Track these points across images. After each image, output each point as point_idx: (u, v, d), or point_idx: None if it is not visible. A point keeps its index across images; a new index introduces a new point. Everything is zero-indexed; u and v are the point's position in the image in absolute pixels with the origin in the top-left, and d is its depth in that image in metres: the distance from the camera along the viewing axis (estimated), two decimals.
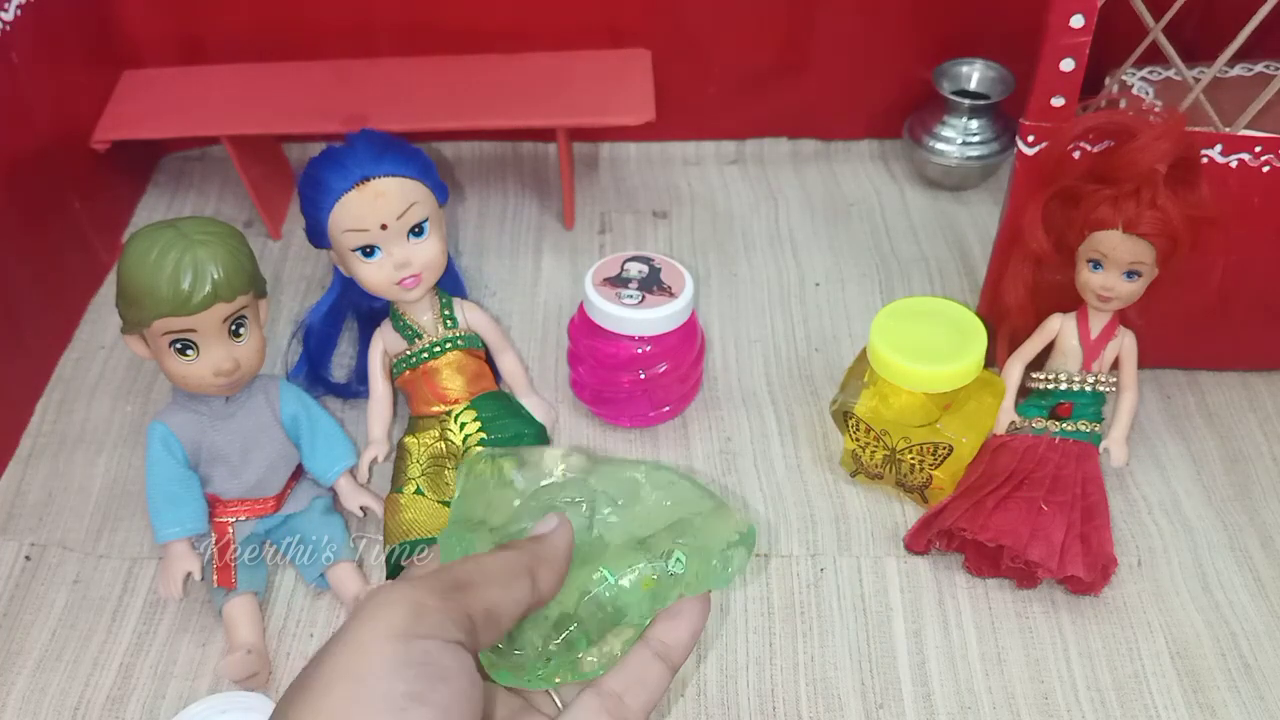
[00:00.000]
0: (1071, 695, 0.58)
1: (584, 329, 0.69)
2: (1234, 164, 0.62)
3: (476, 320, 0.68)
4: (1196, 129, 0.60)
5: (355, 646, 0.29)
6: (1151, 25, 0.63)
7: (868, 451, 0.65)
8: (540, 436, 0.67)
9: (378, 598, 0.31)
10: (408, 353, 0.66)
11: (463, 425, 0.65)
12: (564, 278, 0.84)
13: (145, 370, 0.76)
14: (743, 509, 0.67)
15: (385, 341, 0.67)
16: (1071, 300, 0.65)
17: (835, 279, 0.83)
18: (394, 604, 0.30)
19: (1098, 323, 0.64)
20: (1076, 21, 0.57)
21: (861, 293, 0.82)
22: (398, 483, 0.65)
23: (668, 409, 0.71)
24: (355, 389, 0.72)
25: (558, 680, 0.37)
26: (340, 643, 0.30)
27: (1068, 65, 0.59)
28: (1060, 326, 0.65)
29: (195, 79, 0.86)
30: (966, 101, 0.87)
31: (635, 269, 0.69)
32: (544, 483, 0.41)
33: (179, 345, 0.56)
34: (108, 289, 0.83)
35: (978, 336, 0.62)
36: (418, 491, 0.64)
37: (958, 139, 0.88)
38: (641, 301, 0.66)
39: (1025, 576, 0.62)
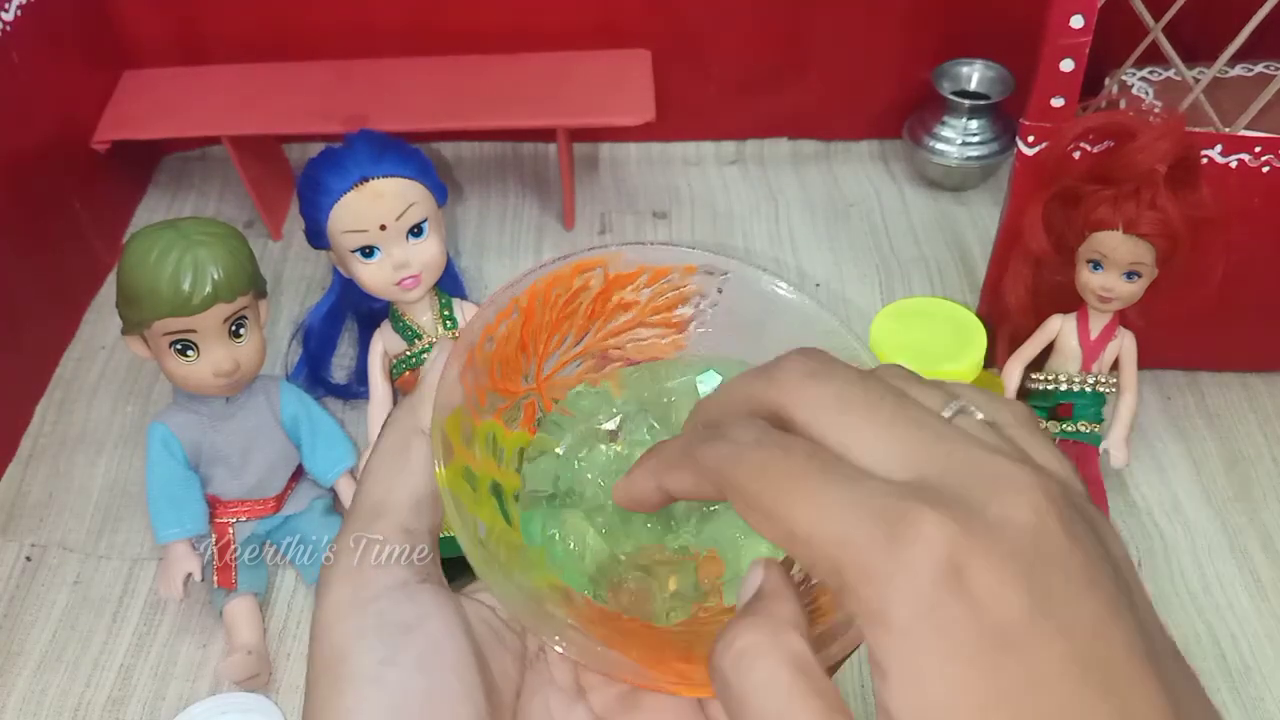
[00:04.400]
0: None
1: None
2: (1234, 164, 0.62)
3: None
4: (1196, 129, 0.60)
5: (321, 642, 0.28)
6: (1151, 25, 0.63)
7: None
8: None
9: (321, 579, 0.29)
10: (407, 353, 0.66)
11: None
12: None
13: (145, 371, 0.76)
14: None
15: (385, 342, 0.67)
16: (1071, 301, 0.65)
17: (835, 279, 0.83)
18: (335, 585, 0.29)
19: (1098, 323, 0.64)
20: (1076, 22, 0.57)
21: (861, 293, 0.82)
22: None
23: None
24: (355, 390, 0.72)
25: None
26: (313, 637, 0.29)
27: (1068, 65, 0.59)
28: (1060, 327, 0.65)
29: (195, 79, 0.86)
30: (966, 102, 0.87)
31: None
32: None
33: (179, 346, 0.56)
34: (108, 289, 0.83)
35: (977, 337, 0.62)
36: None
37: (958, 139, 0.88)
38: None
39: None
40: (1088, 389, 0.65)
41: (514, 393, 0.34)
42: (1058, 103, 0.60)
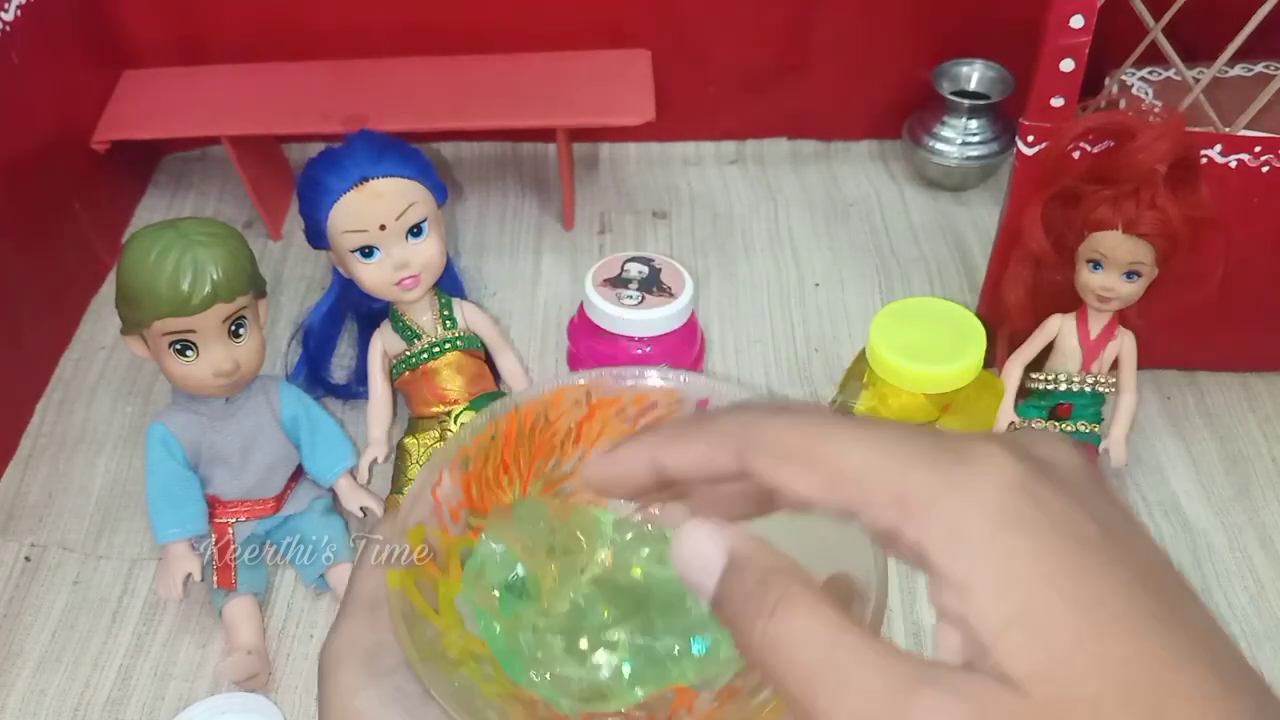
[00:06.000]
0: None
1: (584, 329, 0.69)
2: (1234, 164, 0.62)
3: (476, 321, 0.68)
4: (1196, 129, 0.60)
5: (338, 709, 0.29)
6: (1151, 25, 0.63)
7: None
8: None
9: (326, 659, 0.31)
10: (407, 353, 0.66)
11: (462, 426, 0.65)
12: (564, 278, 0.83)
13: (145, 371, 0.76)
14: None
15: (385, 342, 0.67)
16: (1071, 301, 0.65)
17: (835, 279, 0.83)
18: (344, 659, 0.30)
19: (1097, 323, 0.64)
20: (1076, 21, 0.57)
21: (861, 293, 0.82)
22: (398, 484, 0.65)
23: None
24: (355, 390, 0.72)
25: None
26: (325, 712, 0.30)
27: (1068, 65, 0.59)
28: (1060, 327, 0.65)
29: (195, 79, 0.86)
30: (966, 101, 0.87)
31: (635, 269, 0.69)
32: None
33: (179, 346, 0.56)
34: (108, 289, 0.83)
35: (977, 337, 0.62)
36: None
37: (957, 139, 0.88)
38: (641, 302, 0.66)
39: None
40: (1087, 389, 0.65)
41: None
42: (1058, 103, 0.60)
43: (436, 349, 0.66)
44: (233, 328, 0.57)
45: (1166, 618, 0.18)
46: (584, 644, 0.31)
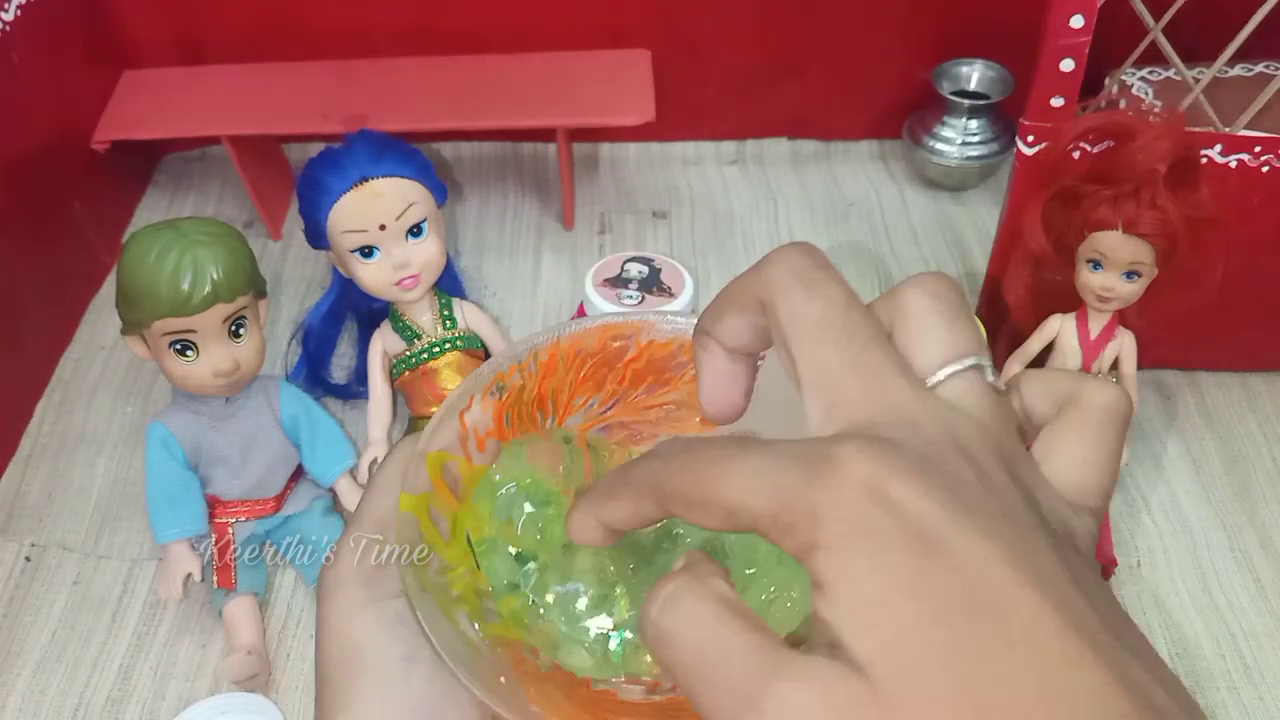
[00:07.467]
0: None
1: None
2: (1234, 164, 0.62)
3: (476, 321, 0.68)
4: (1196, 129, 0.60)
5: (335, 636, 0.28)
6: (1151, 25, 0.63)
7: None
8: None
9: (327, 581, 0.29)
10: (407, 353, 0.66)
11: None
12: (564, 278, 0.83)
13: (145, 371, 0.76)
14: None
15: (385, 342, 0.67)
16: (1071, 301, 0.65)
17: None
18: (345, 580, 0.29)
19: (1097, 323, 0.64)
20: (1076, 21, 0.57)
21: (861, 293, 0.81)
22: None
23: None
24: (355, 390, 0.72)
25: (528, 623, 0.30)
26: (323, 635, 0.29)
27: (1068, 65, 0.59)
28: (1060, 327, 0.65)
29: (195, 79, 0.86)
30: (966, 102, 0.87)
31: (635, 270, 0.69)
32: None
33: (179, 346, 0.56)
34: (108, 289, 0.83)
35: None
36: None
37: (957, 139, 0.88)
38: (641, 302, 0.66)
39: None
40: None
41: None
42: (1058, 103, 0.60)
43: (436, 349, 0.66)
44: (233, 328, 0.57)
45: (1017, 598, 0.19)
46: (582, 604, 0.30)
